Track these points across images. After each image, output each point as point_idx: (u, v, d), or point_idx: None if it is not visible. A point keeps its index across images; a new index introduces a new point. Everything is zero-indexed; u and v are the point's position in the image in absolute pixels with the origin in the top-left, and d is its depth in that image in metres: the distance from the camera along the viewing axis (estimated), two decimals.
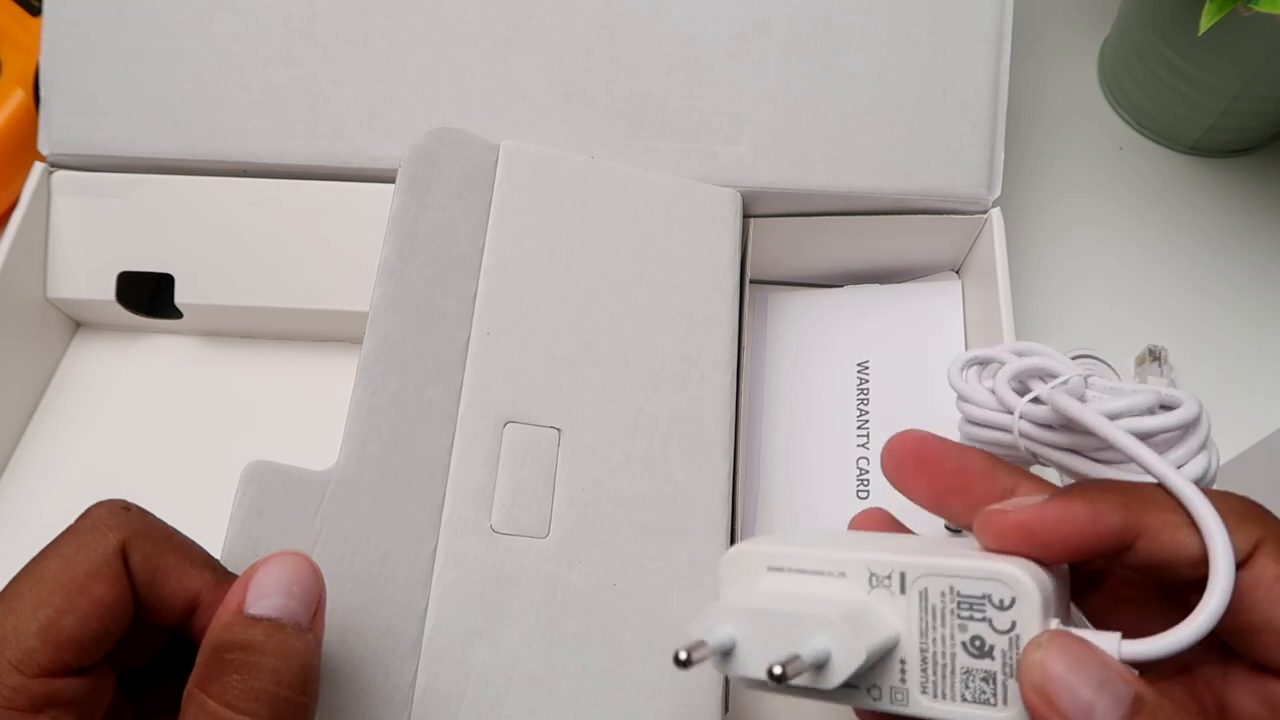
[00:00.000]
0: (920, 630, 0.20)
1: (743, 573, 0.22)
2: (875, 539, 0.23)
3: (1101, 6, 0.53)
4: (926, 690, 0.20)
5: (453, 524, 0.29)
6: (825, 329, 0.42)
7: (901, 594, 0.20)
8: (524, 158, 0.34)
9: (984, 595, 0.19)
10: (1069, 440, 0.25)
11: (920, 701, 0.20)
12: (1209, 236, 0.46)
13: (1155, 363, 0.40)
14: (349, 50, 0.38)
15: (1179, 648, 0.19)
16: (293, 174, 0.39)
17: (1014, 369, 0.27)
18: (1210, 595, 0.19)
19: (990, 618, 0.19)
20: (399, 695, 0.27)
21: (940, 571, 0.19)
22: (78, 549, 0.22)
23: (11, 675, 0.20)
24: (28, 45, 0.43)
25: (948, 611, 0.19)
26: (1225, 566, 0.19)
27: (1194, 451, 0.24)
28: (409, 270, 0.31)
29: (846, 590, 0.20)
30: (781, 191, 0.38)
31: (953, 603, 0.19)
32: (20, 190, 0.39)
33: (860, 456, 0.38)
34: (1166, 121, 0.48)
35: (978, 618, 0.19)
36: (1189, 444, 0.24)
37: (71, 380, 0.42)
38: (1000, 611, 0.19)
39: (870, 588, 0.20)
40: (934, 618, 0.19)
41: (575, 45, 0.38)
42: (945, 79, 0.38)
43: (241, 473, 0.26)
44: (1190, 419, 0.24)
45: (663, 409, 0.32)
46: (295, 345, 0.42)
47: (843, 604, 0.20)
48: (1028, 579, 0.19)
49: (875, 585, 0.20)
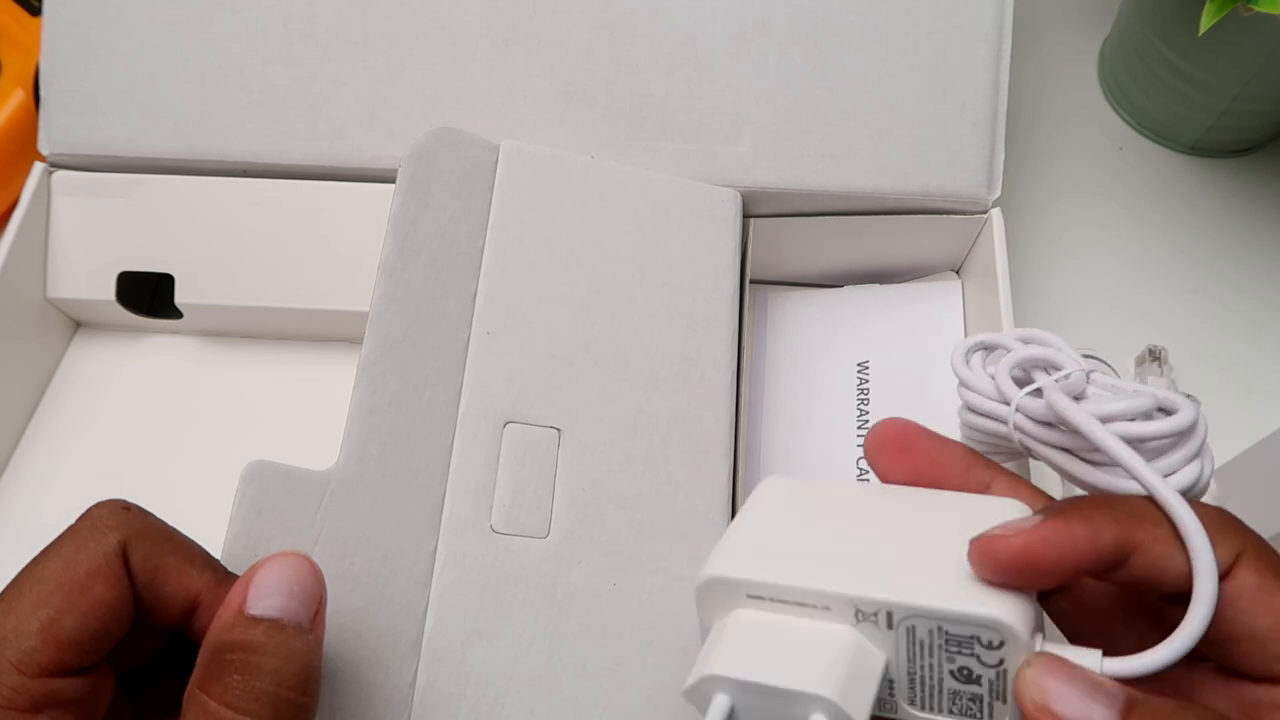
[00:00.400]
0: (908, 657, 0.20)
1: (721, 605, 0.21)
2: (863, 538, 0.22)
3: (1101, 6, 0.53)
4: (914, 704, 0.20)
5: (453, 524, 0.29)
6: (825, 329, 0.42)
7: (889, 629, 0.19)
8: (524, 158, 0.34)
9: (972, 636, 0.19)
10: (1063, 439, 0.25)
11: (909, 712, 0.20)
12: (1209, 236, 0.46)
13: (1155, 363, 0.40)
14: (349, 50, 0.38)
15: (1160, 666, 0.19)
16: (293, 174, 0.39)
17: (1016, 358, 0.26)
18: (1194, 613, 0.19)
19: (978, 654, 0.19)
20: (399, 695, 0.27)
21: (928, 614, 0.19)
22: (78, 549, 0.22)
23: (11, 675, 0.20)
24: (28, 45, 0.43)
25: (935, 646, 0.19)
26: (1209, 582, 0.19)
27: (1185, 460, 0.24)
28: (409, 270, 0.31)
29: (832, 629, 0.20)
30: (781, 191, 0.38)
31: (940, 639, 0.19)
32: (20, 190, 0.39)
33: (860, 457, 0.38)
34: (1166, 121, 0.48)
35: (965, 653, 0.19)
36: (1181, 452, 0.24)
37: (71, 380, 0.42)
38: (988, 650, 0.19)
39: (856, 622, 0.20)
40: (921, 649, 0.19)
41: (575, 45, 0.38)
42: (945, 79, 0.38)
43: (241, 473, 0.26)
44: (1184, 426, 0.24)
45: (663, 409, 0.32)
46: (295, 345, 0.42)
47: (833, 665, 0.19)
48: (1017, 623, 0.18)
49: (861, 620, 0.20)
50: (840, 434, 0.39)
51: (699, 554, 0.31)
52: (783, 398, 0.40)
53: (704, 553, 0.31)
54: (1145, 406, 0.24)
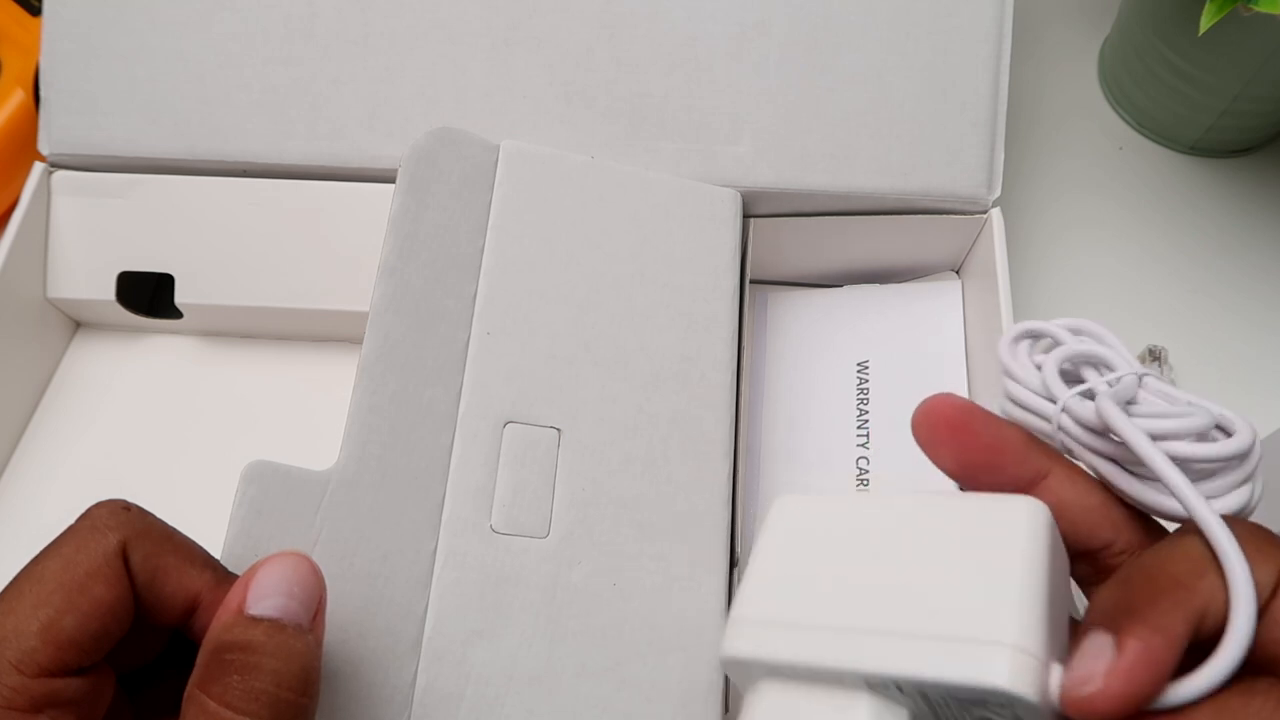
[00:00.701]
0: (930, 712, 0.20)
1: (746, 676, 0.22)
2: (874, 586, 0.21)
3: (1101, 6, 0.53)
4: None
5: (453, 524, 0.29)
6: (825, 329, 0.42)
7: (902, 694, 0.20)
8: (524, 158, 0.34)
9: (982, 700, 0.19)
10: (1109, 447, 0.23)
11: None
12: (1209, 236, 0.46)
13: (1155, 363, 0.40)
14: (349, 50, 0.38)
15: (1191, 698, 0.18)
16: (293, 174, 0.39)
17: (1066, 352, 0.25)
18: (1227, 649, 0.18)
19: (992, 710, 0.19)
20: (399, 695, 0.27)
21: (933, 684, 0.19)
22: (78, 549, 0.22)
23: (11, 675, 0.20)
24: (28, 45, 0.43)
25: (950, 703, 0.19)
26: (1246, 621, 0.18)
27: (1235, 485, 0.22)
28: (409, 270, 0.31)
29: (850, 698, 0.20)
30: (781, 191, 0.38)
31: (954, 701, 0.19)
32: (20, 190, 0.39)
33: (860, 456, 0.38)
34: (1166, 121, 0.48)
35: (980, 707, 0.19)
36: (1232, 476, 0.22)
37: (71, 380, 0.42)
38: (1002, 707, 0.19)
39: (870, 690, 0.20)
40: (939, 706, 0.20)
41: (575, 45, 0.38)
42: (945, 79, 0.38)
43: (241, 473, 0.26)
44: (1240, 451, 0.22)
45: (663, 409, 0.32)
46: (295, 345, 0.42)
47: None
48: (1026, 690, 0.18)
49: (874, 688, 0.20)
50: (840, 434, 0.39)
51: (699, 554, 0.31)
52: (783, 398, 0.40)
53: (704, 553, 0.31)
54: (1202, 425, 0.22)
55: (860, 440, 0.39)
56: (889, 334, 0.41)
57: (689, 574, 0.31)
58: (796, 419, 0.40)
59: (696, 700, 0.29)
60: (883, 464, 0.38)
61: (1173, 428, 0.22)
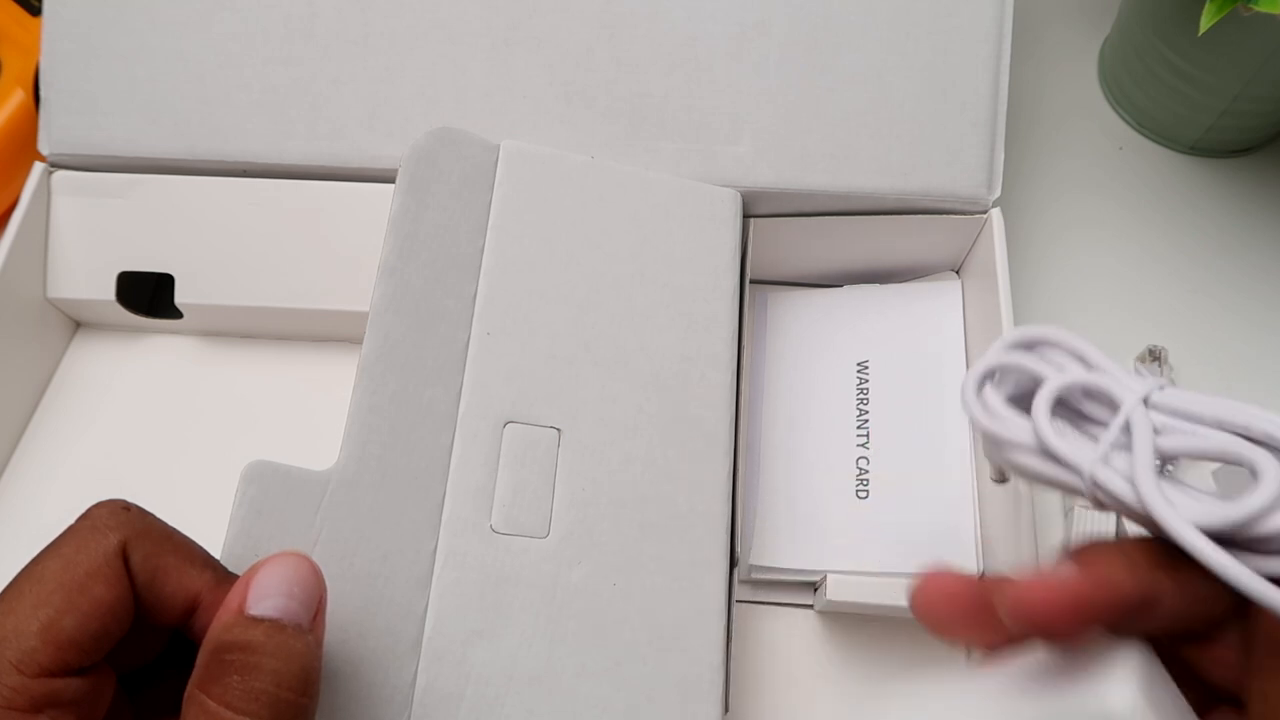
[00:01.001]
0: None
1: None
2: None
3: (1101, 6, 0.53)
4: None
5: (453, 524, 0.29)
6: (825, 329, 0.42)
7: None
8: (524, 158, 0.34)
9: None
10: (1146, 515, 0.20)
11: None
12: (1209, 236, 0.46)
13: (1155, 363, 0.40)
14: (349, 50, 0.38)
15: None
16: (293, 174, 0.39)
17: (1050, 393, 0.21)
18: None
19: None
20: (399, 695, 0.27)
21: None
22: (78, 549, 0.22)
23: (12, 675, 0.20)
24: (28, 45, 0.43)
25: None
26: None
27: None
28: (409, 270, 0.31)
29: None
30: (781, 191, 0.38)
31: None
32: (20, 190, 0.39)
33: (860, 456, 0.38)
34: (1166, 121, 0.48)
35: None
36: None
37: (71, 380, 0.42)
38: None
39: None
40: None
41: (575, 45, 0.38)
42: (945, 79, 0.38)
43: (241, 473, 0.26)
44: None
45: (663, 409, 0.32)
46: (295, 345, 0.42)
47: None
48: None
49: None
50: (840, 434, 0.39)
51: (699, 554, 0.31)
52: (783, 397, 0.40)
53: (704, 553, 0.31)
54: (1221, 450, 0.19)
55: (860, 440, 0.39)
56: (889, 334, 0.41)
57: (689, 574, 0.31)
58: (796, 419, 0.40)
59: (696, 700, 0.29)
60: (882, 464, 0.38)
61: (1233, 517, 0.18)
